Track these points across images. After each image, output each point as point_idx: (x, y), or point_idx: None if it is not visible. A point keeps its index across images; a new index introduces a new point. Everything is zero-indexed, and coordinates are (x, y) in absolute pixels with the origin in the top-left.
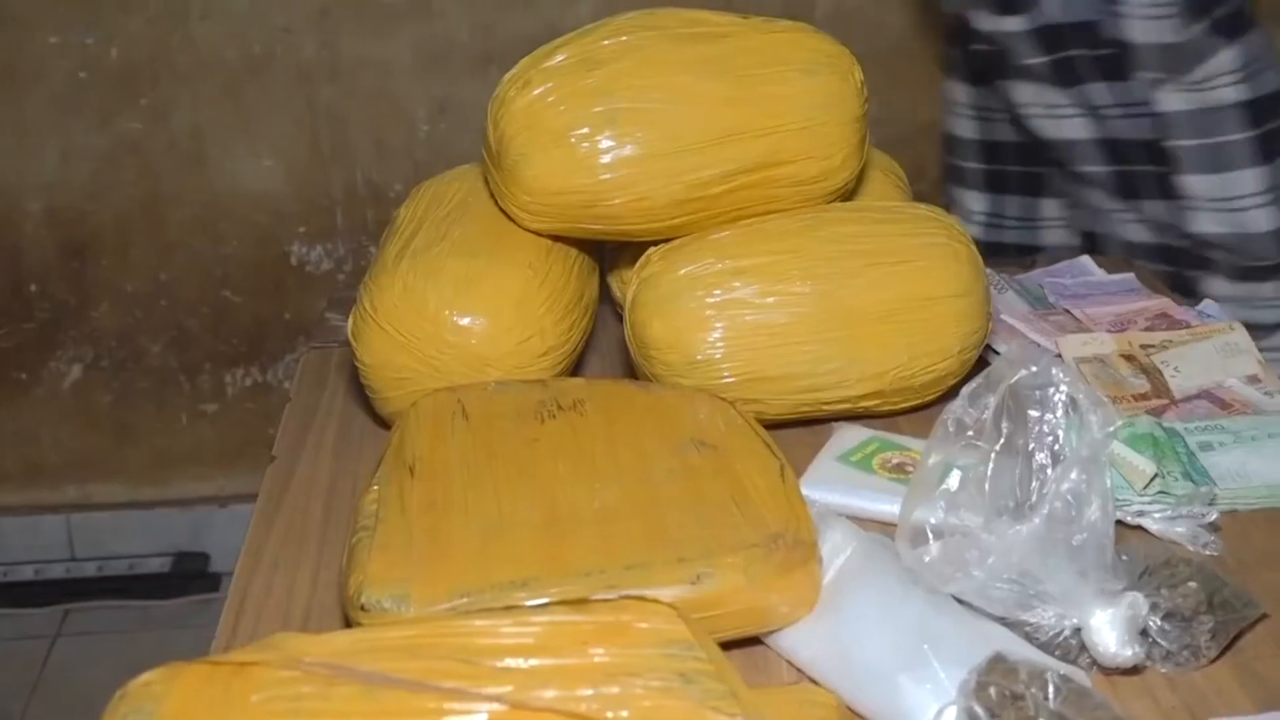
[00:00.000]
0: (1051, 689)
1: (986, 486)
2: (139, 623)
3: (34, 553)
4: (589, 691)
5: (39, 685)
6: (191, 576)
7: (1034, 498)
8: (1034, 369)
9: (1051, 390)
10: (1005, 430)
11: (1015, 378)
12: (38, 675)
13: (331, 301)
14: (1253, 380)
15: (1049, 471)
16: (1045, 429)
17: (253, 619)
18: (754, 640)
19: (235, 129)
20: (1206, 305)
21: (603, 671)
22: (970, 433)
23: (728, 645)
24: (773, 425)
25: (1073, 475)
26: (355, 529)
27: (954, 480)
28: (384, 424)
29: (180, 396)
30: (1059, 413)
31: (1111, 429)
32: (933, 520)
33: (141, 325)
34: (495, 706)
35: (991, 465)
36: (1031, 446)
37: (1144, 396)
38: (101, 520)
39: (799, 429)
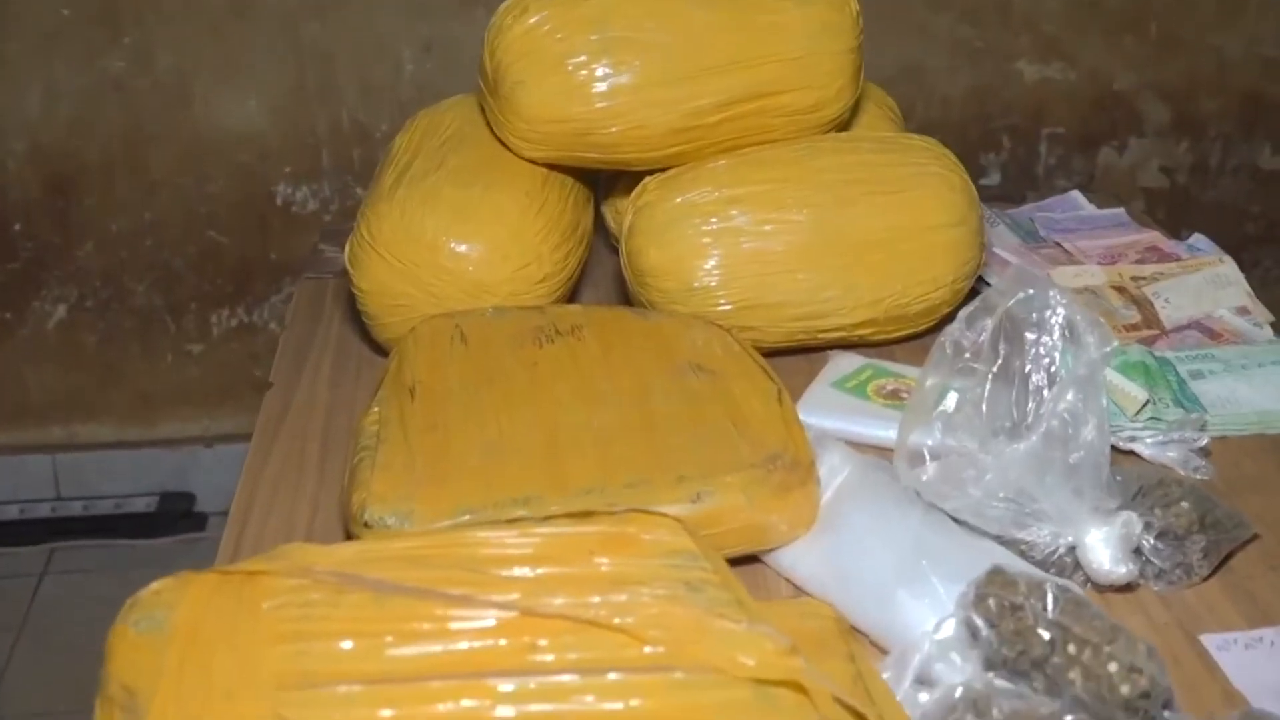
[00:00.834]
0: (1050, 599)
1: (983, 408)
2: (125, 562)
3: (20, 492)
4: (597, 599)
5: (26, 622)
6: (177, 516)
7: (1030, 418)
8: (1031, 292)
9: (1048, 313)
10: (1002, 352)
11: (1012, 301)
12: (25, 612)
13: (324, 233)
14: (1242, 312)
15: (1045, 392)
16: (1042, 351)
17: (254, 538)
18: (752, 559)
19: (219, 68)
20: (1196, 239)
21: (609, 580)
22: (968, 355)
23: (729, 563)
24: (769, 353)
25: (1069, 395)
26: (356, 449)
27: (951, 402)
28: (380, 352)
29: (166, 337)
30: (1055, 335)
31: (1108, 349)
32: (930, 441)
33: (126, 265)
34: (504, 613)
35: (988, 387)
36: (1028, 368)
37: (1135, 327)
38: (87, 460)
39: (795, 357)
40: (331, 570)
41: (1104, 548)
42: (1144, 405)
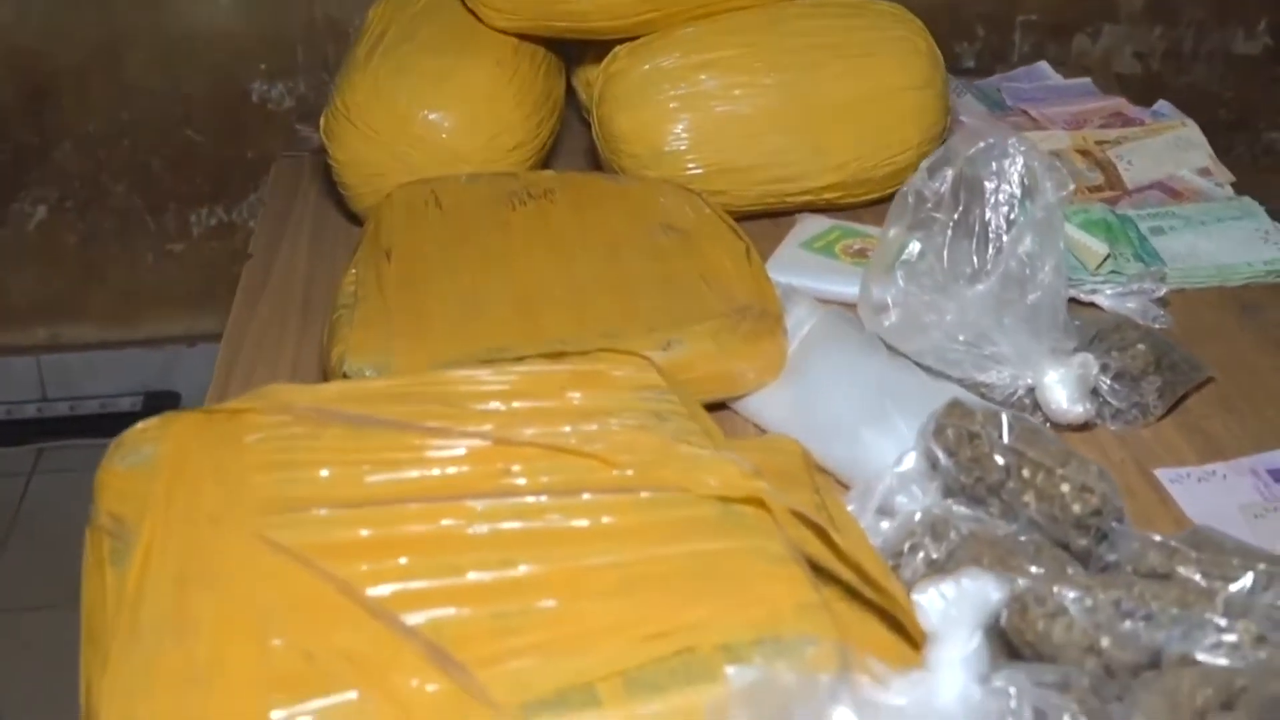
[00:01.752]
0: (1005, 426)
1: (944, 256)
2: None
3: (6, 393)
4: (566, 428)
5: (17, 519)
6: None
7: (990, 264)
8: (990, 141)
9: (1007, 161)
10: (963, 201)
11: (973, 150)
12: (15, 510)
13: (300, 114)
14: (1204, 173)
15: (1005, 238)
16: (1001, 198)
17: (239, 393)
18: (722, 406)
19: None
20: (1161, 105)
21: (580, 412)
22: (929, 205)
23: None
24: (739, 217)
25: (1026, 239)
26: (335, 307)
27: (913, 251)
28: (358, 224)
29: (146, 236)
30: (1014, 182)
31: (1065, 193)
32: (893, 289)
33: (105, 166)
34: (477, 442)
35: (949, 235)
36: (988, 216)
37: (1098, 189)
38: (72, 361)
39: (764, 220)
40: (312, 407)
41: (1061, 388)
42: (1105, 259)
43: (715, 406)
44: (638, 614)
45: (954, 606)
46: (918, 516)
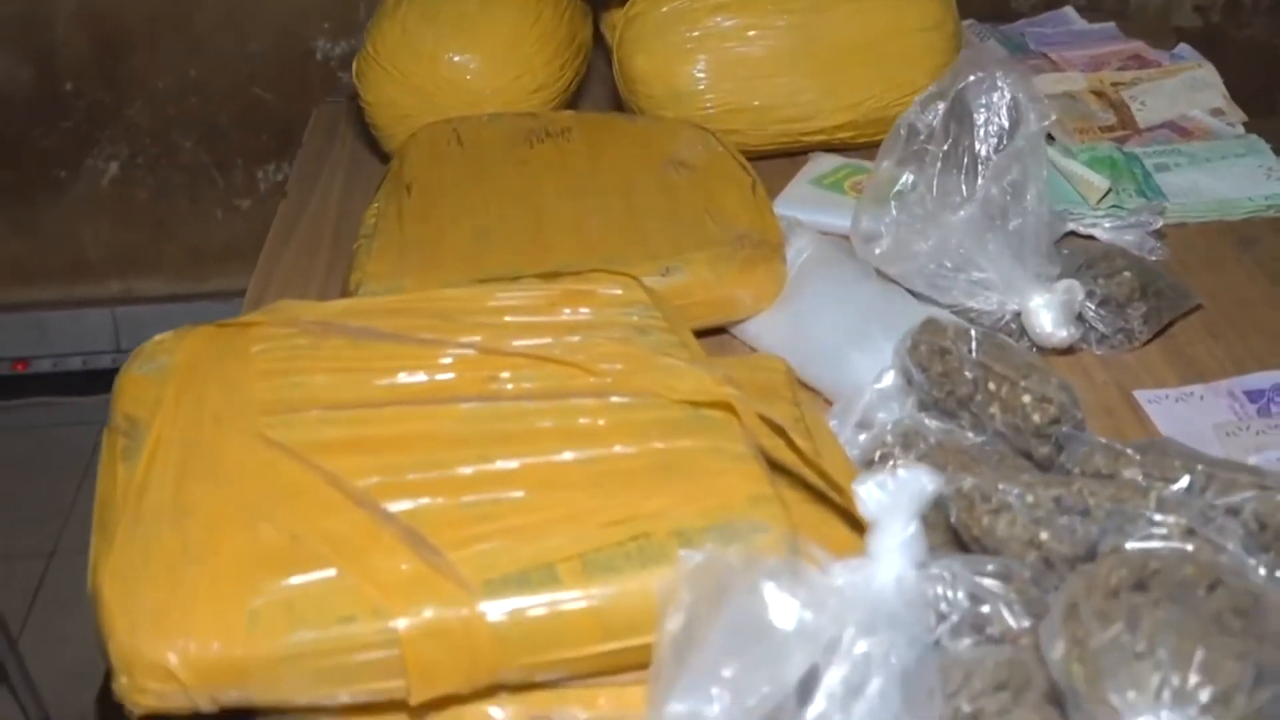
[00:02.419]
0: (974, 342)
1: (934, 185)
2: None
3: (81, 345)
4: (550, 340)
5: (89, 469)
6: None
7: (978, 193)
8: (981, 74)
9: (995, 94)
10: (953, 133)
11: (963, 84)
12: (88, 460)
13: (342, 61)
14: (1216, 113)
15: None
16: (990, 130)
17: None
18: (720, 330)
19: None
20: (1181, 48)
21: (566, 326)
22: (921, 137)
23: (698, 335)
24: (755, 156)
25: (1010, 166)
26: (357, 238)
27: (905, 182)
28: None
29: (214, 192)
30: (1003, 114)
31: (1047, 122)
32: (885, 218)
33: (175, 122)
34: (465, 352)
35: (939, 167)
36: (977, 147)
37: (1110, 129)
38: (144, 313)
39: (779, 160)
40: (315, 320)
41: (1046, 312)
42: (1106, 194)
43: (715, 331)
44: (599, 504)
45: (891, 497)
46: (889, 426)
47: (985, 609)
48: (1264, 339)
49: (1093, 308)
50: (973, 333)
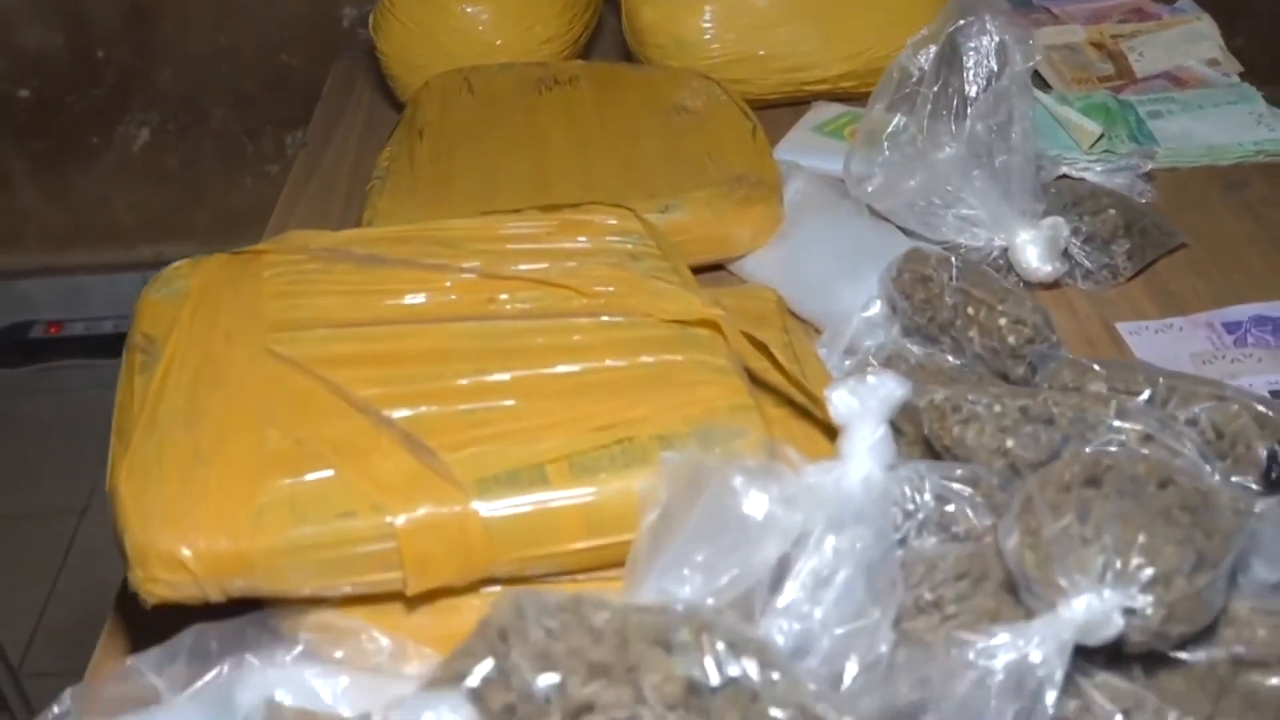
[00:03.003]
0: (954, 269)
1: (924, 126)
2: None
3: (113, 308)
4: (547, 265)
5: None
6: None
7: (964, 131)
8: (970, 18)
9: (985, 38)
10: (943, 76)
11: (954, 26)
12: None
13: (360, 18)
14: (1213, 63)
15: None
16: (979, 72)
17: None
18: (718, 267)
19: None
20: (1182, 2)
21: (563, 253)
22: (913, 80)
23: (696, 271)
24: (760, 105)
25: (996, 105)
26: (370, 180)
27: (897, 124)
28: None
29: (244, 158)
30: (991, 56)
31: (1032, 62)
32: (878, 158)
33: (204, 89)
34: (467, 276)
35: (929, 108)
36: (967, 88)
37: (1108, 78)
38: None
39: (784, 109)
40: (325, 248)
41: (1032, 248)
42: (1098, 139)
43: (713, 268)
44: (587, 411)
45: (861, 401)
46: (873, 350)
47: (950, 508)
48: (1245, 276)
49: (1078, 244)
50: (953, 260)
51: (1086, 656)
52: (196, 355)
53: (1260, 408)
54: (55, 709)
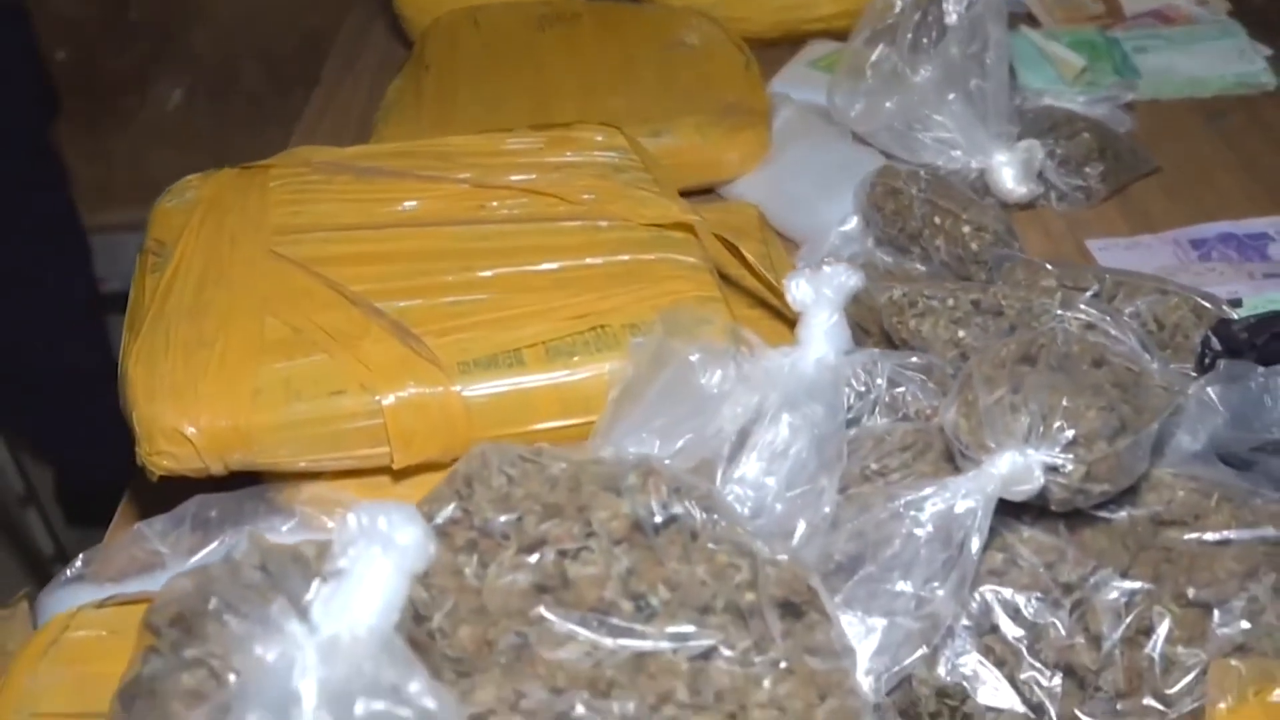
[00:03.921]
0: (922, 181)
1: (905, 53)
2: None
3: None
4: (534, 175)
5: None
6: None
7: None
8: None
9: None
10: (923, 5)
11: None
12: None
13: None
14: (1201, 2)
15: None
16: (958, 1)
17: None
18: (709, 191)
19: None
20: None
21: (551, 165)
22: (896, 10)
23: (686, 195)
24: (760, 44)
25: (970, 30)
26: (379, 109)
27: (880, 53)
28: None
29: (275, 120)
30: None
31: None
32: (859, 85)
33: (236, 50)
34: (458, 185)
35: (910, 38)
36: (946, 16)
37: (1098, 17)
38: None
39: (782, 48)
40: (328, 162)
41: (1008, 169)
42: (1082, 71)
43: (703, 192)
44: (564, 303)
45: (816, 289)
46: (847, 258)
47: (901, 390)
48: (1216, 198)
49: (1053, 166)
50: (921, 173)
51: (1015, 516)
52: (203, 256)
53: (1200, 300)
54: (68, 571)
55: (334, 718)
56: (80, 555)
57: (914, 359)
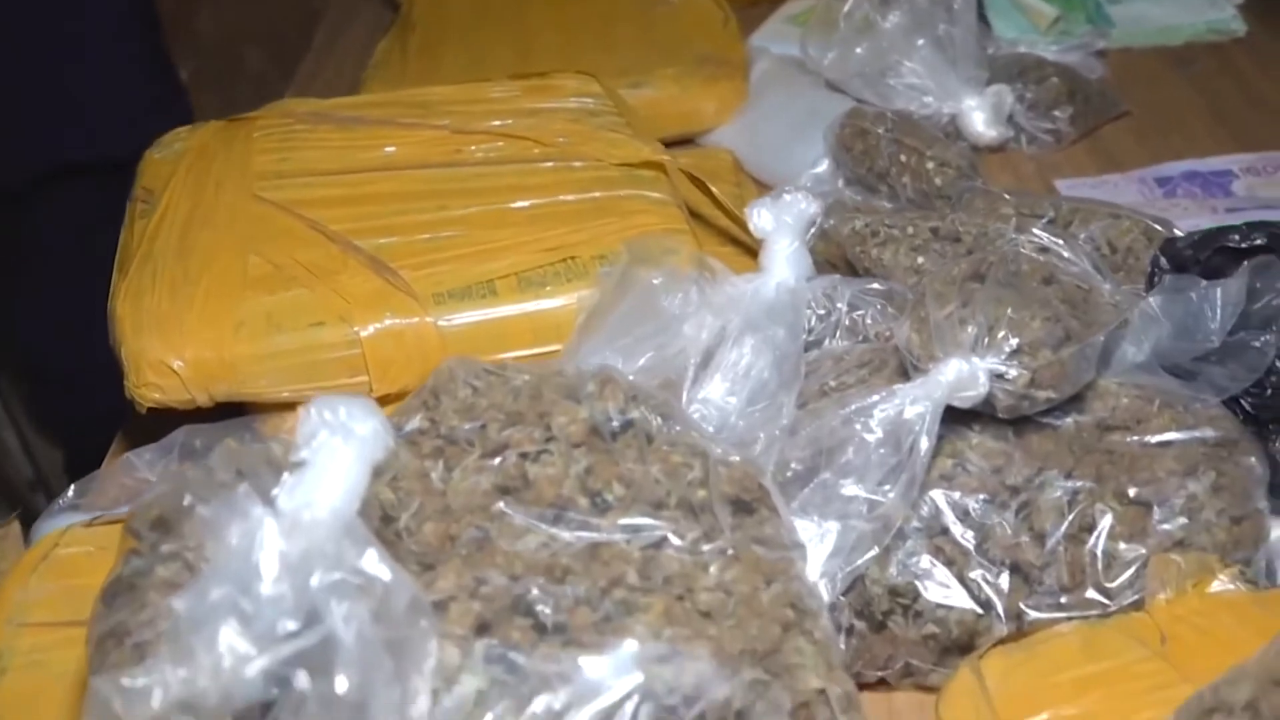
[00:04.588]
0: (889, 120)
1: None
2: None
3: None
4: (510, 120)
5: None
6: None
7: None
8: None
9: None
10: None
11: None
12: None
13: None
14: None
15: None
16: None
17: None
18: (688, 142)
19: None
20: None
21: (527, 111)
22: None
23: (666, 144)
24: (741, 3)
25: None
26: (367, 68)
27: (852, 3)
28: None
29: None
30: None
31: None
32: (832, 36)
33: (239, 32)
34: (437, 132)
35: None
36: None
37: None
38: None
39: (764, 6)
40: (311, 112)
41: (978, 113)
42: (1055, 21)
43: (683, 143)
44: (535, 237)
45: (776, 217)
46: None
47: (861, 313)
48: (1183, 138)
49: (1022, 110)
50: (888, 114)
51: (966, 425)
52: (189, 201)
53: (1151, 223)
54: (61, 500)
55: (293, 588)
56: (73, 485)
57: (874, 285)
